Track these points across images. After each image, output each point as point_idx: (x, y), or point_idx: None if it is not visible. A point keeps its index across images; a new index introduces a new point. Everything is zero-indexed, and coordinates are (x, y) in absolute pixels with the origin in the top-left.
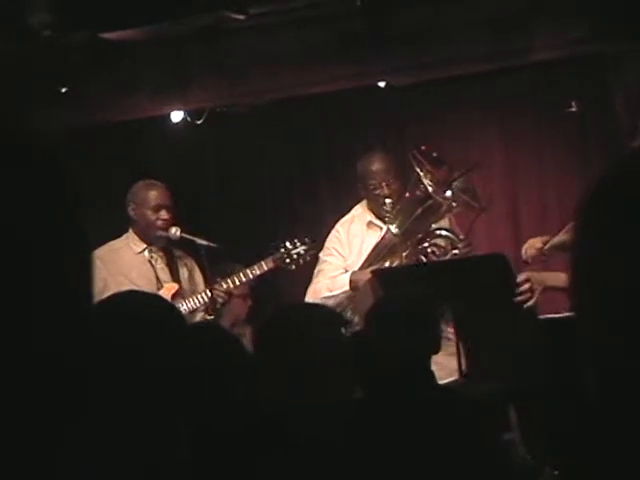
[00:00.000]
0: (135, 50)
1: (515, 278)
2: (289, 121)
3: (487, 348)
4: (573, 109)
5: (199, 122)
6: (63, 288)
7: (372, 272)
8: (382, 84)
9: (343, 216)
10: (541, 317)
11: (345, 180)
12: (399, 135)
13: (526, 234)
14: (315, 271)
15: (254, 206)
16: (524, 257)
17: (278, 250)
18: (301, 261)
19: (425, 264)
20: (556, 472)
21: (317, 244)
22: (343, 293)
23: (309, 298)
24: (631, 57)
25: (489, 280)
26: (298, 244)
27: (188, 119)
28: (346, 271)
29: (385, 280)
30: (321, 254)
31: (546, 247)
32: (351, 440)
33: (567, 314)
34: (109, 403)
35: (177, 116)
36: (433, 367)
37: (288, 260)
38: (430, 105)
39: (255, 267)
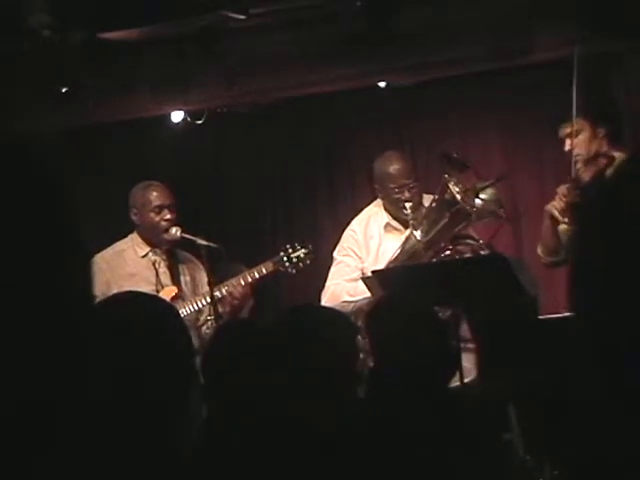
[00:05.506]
0: (135, 50)
1: (515, 279)
2: (289, 121)
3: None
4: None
5: (199, 122)
6: (59, 291)
7: (372, 272)
8: (382, 84)
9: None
10: (541, 317)
11: (344, 181)
12: (399, 135)
13: (526, 234)
14: (331, 271)
15: (254, 206)
16: (557, 215)
17: (278, 253)
18: (301, 265)
19: (425, 264)
20: (556, 472)
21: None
22: (364, 299)
23: (326, 299)
24: (631, 57)
25: (489, 280)
26: (298, 247)
27: (188, 119)
28: (363, 274)
29: (385, 280)
30: (336, 253)
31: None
32: (349, 440)
33: (567, 314)
34: (107, 403)
35: (177, 116)
36: None
37: (288, 263)
38: (430, 105)
39: (254, 270)
